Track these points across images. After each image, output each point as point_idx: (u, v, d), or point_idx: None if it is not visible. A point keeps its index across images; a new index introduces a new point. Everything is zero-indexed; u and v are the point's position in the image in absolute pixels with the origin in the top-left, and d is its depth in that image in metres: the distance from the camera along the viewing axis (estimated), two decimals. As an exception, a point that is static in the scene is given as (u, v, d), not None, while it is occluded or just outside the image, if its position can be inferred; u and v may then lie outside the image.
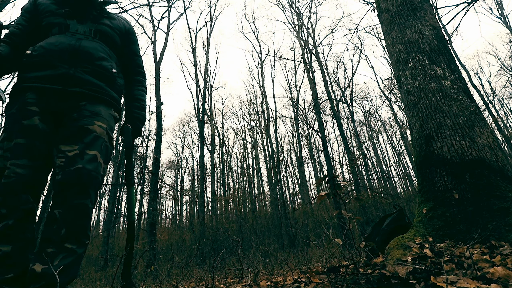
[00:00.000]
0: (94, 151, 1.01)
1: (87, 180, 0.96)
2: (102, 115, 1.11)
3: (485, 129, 1.93)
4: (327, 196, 1.34)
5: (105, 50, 1.25)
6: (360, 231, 9.67)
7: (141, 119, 1.41)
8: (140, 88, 1.47)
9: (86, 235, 0.96)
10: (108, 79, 1.21)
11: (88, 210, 0.96)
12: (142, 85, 1.49)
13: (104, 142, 1.08)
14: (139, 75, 1.49)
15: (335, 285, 1.21)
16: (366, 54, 41.98)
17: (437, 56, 2.24)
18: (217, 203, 17.49)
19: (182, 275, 3.90)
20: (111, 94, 1.21)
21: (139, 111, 1.41)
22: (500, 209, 1.56)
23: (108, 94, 1.19)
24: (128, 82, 1.46)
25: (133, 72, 1.48)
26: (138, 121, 1.39)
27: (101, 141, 1.06)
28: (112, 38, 1.31)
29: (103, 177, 1.05)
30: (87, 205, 0.95)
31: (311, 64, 13.75)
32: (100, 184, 1.02)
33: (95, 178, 0.99)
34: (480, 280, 1.03)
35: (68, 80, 1.08)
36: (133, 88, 1.45)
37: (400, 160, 23.32)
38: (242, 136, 22.47)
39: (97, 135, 1.05)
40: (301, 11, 19.11)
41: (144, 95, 1.46)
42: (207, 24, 17.24)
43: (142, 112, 1.42)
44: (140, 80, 1.49)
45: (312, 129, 12.97)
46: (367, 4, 5.94)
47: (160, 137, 10.08)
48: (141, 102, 1.44)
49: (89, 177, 0.96)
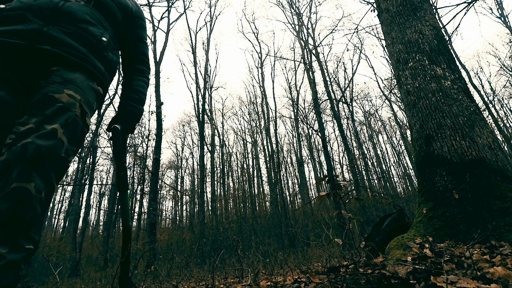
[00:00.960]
0: (54, 125, 0.76)
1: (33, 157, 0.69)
2: (77, 83, 0.88)
3: (485, 129, 1.93)
4: (327, 196, 1.34)
5: (97, 17, 1.06)
6: (360, 231, 9.67)
7: (136, 113, 1.20)
8: (141, 78, 1.29)
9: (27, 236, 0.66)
10: (95, 47, 1.00)
11: (31, 198, 0.67)
12: (144, 75, 1.31)
13: (73, 116, 0.82)
14: (142, 64, 1.32)
15: (335, 285, 1.21)
16: (366, 54, 41.98)
17: (437, 56, 2.24)
18: (217, 203, 17.49)
19: (182, 275, 3.90)
20: (95, 64, 0.98)
21: (135, 104, 1.21)
22: (500, 209, 1.56)
23: (90, 63, 0.96)
24: (129, 71, 1.29)
25: (136, 59, 1.30)
26: (131, 116, 1.19)
27: (69, 114, 0.81)
28: (111, 10, 1.13)
29: (64, 160, 0.78)
30: (28, 190, 0.67)
31: (311, 64, 13.75)
32: (57, 166, 0.75)
33: (46, 157, 0.72)
34: (480, 280, 1.03)
35: (39, 36, 0.87)
36: (133, 78, 1.27)
37: (400, 160, 23.33)
38: (242, 136, 22.48)
39: (64, 106, 0.80)
40: (301, 11, 19.14)
41: (144, 87, 1.28)
42: (207, 24, 17.26)
43: (139, 106, 1.22)
44: (142, 70, 1.31)
45: (312, 129, 12.96)
46: (367, 4, 5.94)
47: (160, 137, 10.08)
48: (140, 94, 1.24)
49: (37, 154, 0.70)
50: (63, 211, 23.28)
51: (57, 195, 23.77)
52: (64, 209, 22.57)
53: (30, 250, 0.67)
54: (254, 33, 19.94)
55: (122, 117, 1.18)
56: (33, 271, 10.00)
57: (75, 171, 18.32)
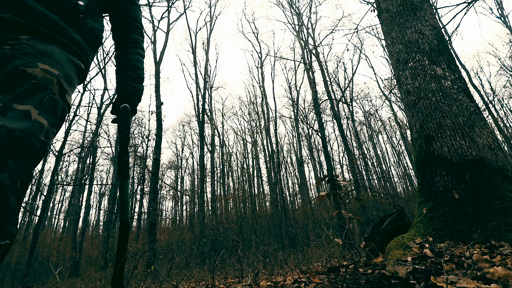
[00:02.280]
0: (27, 106, 0.65)
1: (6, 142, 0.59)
2: (53, 56, 0.75)
3: (485, 129, 1.93)
4: (327, 196, 1.34)
5: None
6: (360, 231, 9.67)
7: (136, 94, 1.08)
8: (136, 50, 1.12)
9: (2, 231, 0.59)
10: (69, 13, 0.83)
11: (4, 190, 0.58)
12: (139, 45, 1.14)
13: (50, 95, 0.71)
14: (135, 32, 1.14)
15: (335, 285, 1.22)
16: (366, 54, 42.02)
17: (437, 56, 2.24)
18: (217, 203, 17.50)
19: (182, 275, 3.90)
20: (70, 35, 0.82)
21: (134, 83, 1.08)
22: (500, 209, 1.56)
23: (64, 33, 0.80)
24: (120, 42, 1.13)
25: (127, 26, 1.13)
26: (133, 97, 1.07)
27: (44, 92, 0.69)
28: None
29: (43, 144, 0.68)
30: (0, 182, 0.58)
31: (311, 64, 13.75)
32: (36, 151, 0.66)
33: (23, 142, 0.62)
34: (480, 280, 1.03)
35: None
36: (126, 50, 1.11)
37: (400, 160, 23.33)
38: (242, 136, 22.49)
39: (37, 83, 0.68)
40: (301, 11, 19.14)
41: (141, 60, 1.13)
42: (207, 24, 17.26)
43: (139, 85, 1.09)
44: (135, 39, 1.13)
45: (312, 129, 12.96)
46: (367, 4, 5.94)
47: (160, 137, 10.08)
48: (137, 71, 1.10)
49: (11, 139, 0.60)
50: (63, 211, 23.29)
51: (57, 195, 23.79)
52: (64, 209, 22.59)
53: (6, 245, 0.60)
54: (254, 33, 19.95)
55: (123, 99, 1.06)
56: (33, 271, 10.00)
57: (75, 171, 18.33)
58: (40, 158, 0.69)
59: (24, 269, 7.29)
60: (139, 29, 1.16)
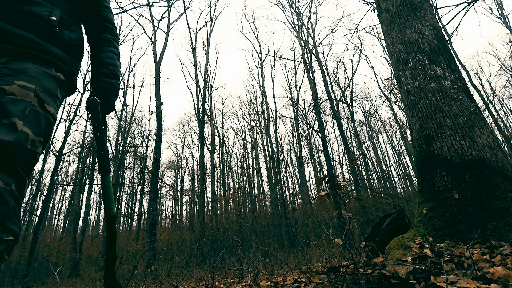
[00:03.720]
0: (11, 118, 0.71)
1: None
2: (28, 73, 0.81)
3: (485, 129, 1.93)
4: (327, 196, 1.34)
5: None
6: (360, 231, 9.67)
7: (110, 88, 1.10)
8: (108, 48, 1.16)
9: (4, 228, 0.65)
10: (43, 29, 0.89)
11: (1, 191, 0.65)
12: (111, 44, 1.18)
13: (31, 107, 0.77)
14: (106, 32, 1.18)
15: (335, 285, 1.22)
16: (366, 54, 41.99)
17: (437, 56, 2.24)
18: (217, 203, 17.50)
19: (182, 275, 3.90)
20: (47, 49, 0.88)
21: (107, 79, 1.10)
22: (500, 209, 1.56)
23: (41, 49, 0.87)
24: (93, 42, 1.17)
25: (99, 28, 1.17)
26: (107, 92, 1.09)
27: (24, 105, 0.76)
28: None
29: (31, 152, 0.74)
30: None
31: (311, 64, 13.75)
32: (23, 159, 0.72)
33: (9, 151, 0.69)
34: (480, 280, 1.03)
35: None
36: (99, 50, 1.15)
37: (400, 160, 23.33)
38: (242, 136, 22.49)
39: (16, 98, 0.75)
40: (301, 11, 19.14)
41: (114, 58, 1.16)
42: (207, 24, 17.27)
43: (112, 80, 1.12)
44: (107, 39, 1.17)
45: (312, 129, 12.97)
46: (367, 4, 5.94)
47: (160, 137, 10.08)
48: (110, 67, 1.13)
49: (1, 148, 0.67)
50: (63, 211, 23.29)
51: (57, 195, 23.79)
52: (64, 209, 22.59)
53: (10, 241, 0.67)
54: (254, 33, 19.96)
55: (97, 95, 1.08)
56: (33, 271, 10.00)
57: (75, 171, 18.33)
58: (30, 165, 0.75)
59: (24, 269, 7.30)
60: (111, 29, 1.20)
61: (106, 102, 1.09)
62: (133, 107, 18.28)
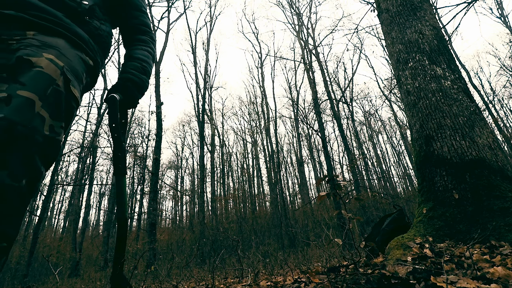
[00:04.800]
0: (30, 93, 0.61)
1: (6, 137, 0.55)
2: (59, 48, 0.74)
3: (485, 129, 1.93)
4: (327, 196, 1.34)
5: None
6: (360, 231, 9.67)
7: (138, 83, 1.01)
8: (144, 48, 1.11)
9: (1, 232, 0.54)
10: (73, 10, 0.83)
11: (4, 188, 0.54)
12: (148, 45, 1.13)
13: (54, 86, 0.67)
14: (144, 34, 1.15)
15: (335, 285, 1.22)
16: (366, 54, 42.02)
17: (437, 56, 2.24)
18: (217, 203, 17.50)
19: (182, 275, 3.90)
20: (75, 31, 0.82)
21: (135, 71, 1.01)
22: (500, 209, 1.57)
23: (70, 29, 0.80)
24: (130, 44, 1.13)
25: (136, 30, 1.14)
26: (132, 84, 0.99)
27: (48, 81, 0.66)
28: None
29: (50, 138, 0.64)
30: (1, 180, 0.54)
31: (311, 64, 13.75)
32: (38, 148, 0.61)
33: (23, 136, 0.58)
34: (480, 280, 1.03)
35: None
36: (134, 48, 1.10)
37: (400, 160, 23.34)
38: (242, 136, 22.49)
39: (42, 71, 0.66)
40: (301, 11, 19.15)
41: (148, 56, 1.10)
42: (207, 24, 17.27)
43: (142, 76, 1.03)
44: (144, 39, 1.13)
45: (312, 129, 12.97)
46: (367, 4, 5.94)
47: (160, 137, 10.09)
48: (142, 62, 1.05)
49: (10, 133, 0.56)
50: (63, 211, 23.29)
51: (57, 195, 23.79)
52: (64, 209, 22.59)
53: (4, 249, 0.56)
54: (254, 33, 19.99)
55: (121, 86, 0.98)
56: (33, 271, 10.00)
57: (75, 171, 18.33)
58: (49, 154, 0.65)
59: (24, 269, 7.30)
60: (149, 33, 1.17)
61: (130, 96, 0.99)
62: (133, 107, 18.23)
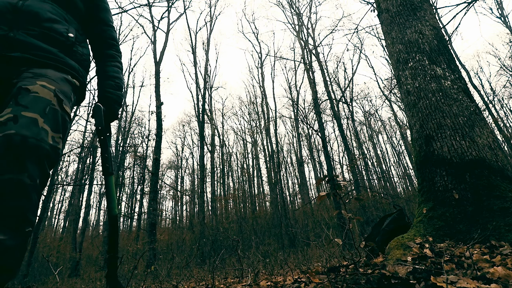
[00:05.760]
0: (33, 114, 0.79)
1: (21, 149, 0.72)
2: (48, 76, 0.90)
3: (485, 129, 1.93)
4: (327, 196, 1.34)
5: (59, 12, 1.06)
6: (360, 231, 9.67)
7: (115, 99, 1.22)
8: (114, 64, 1.29)
9: (25, 220, 0.72)
10: (63, 44, 1.02)
11: (26, 187, 0.72)
12: (116, 60, 1.31)
13: (51, 106, 0.85)
14: (111, 49, 1.31)
15: (335, 285, 1.22)
16: (366, 54, 42.03)
17: (437, 56, 2.24)
18: (217, 203, 17.50)
19: (182, 275, 3.90)
20: (66, 61, 1.00)
21: (112, 90, 1.22)
22: (500, 209, 1.56)
23: (61, 61, 0.99)
24: (99, 58, 1.29)
25: (104, 45, 1.29)
26: (112, 102, 1.21)
27: (45, 103, 0.83)
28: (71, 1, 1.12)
29: (53, 148, 0.81)
30: (22, 181, 0.71)
31: (311, 64, 13.75)
32: (46, 155, 0.78)
33: (35, 147, 0.75)
34: (480, 280, 1.03)
35: (7, 42, 0.89)
36: (105, 64, 1.27)
37: (400, 160, 23.33)
38: (242, 136, 22.48)
39: (38, 95, 0.83)
40: (301, 11, 19.13)
41: (118, 72, 1.29)
42: (207, 24, 17.26)
43: (117, 92, 1.24)
44: (112, 55, 1.30)
45: (312, 129, 12.98)
46: (367, 4, 5.94)
47: (160, 137, 10.08)
48: (116, 80, 1.25)
49: (25, 145, 0.73)
50: (63, 211, 23.26)
51: (57, 195, 23.77)
52: (64, 209, 22.56)
53: (29, 232, 0.74)
54: (254, 33, 19.97)
55: (102, 103, 1.19)
56: (33, 271, 10.00)
57: (75, 171, 18.31)
58: (53, 160, 0.82)
59: (24, 269, 7.30)
60: (116, 46, 1.34)
61: (111, 111, 1.21)
62: (133, 107, 18.29)
